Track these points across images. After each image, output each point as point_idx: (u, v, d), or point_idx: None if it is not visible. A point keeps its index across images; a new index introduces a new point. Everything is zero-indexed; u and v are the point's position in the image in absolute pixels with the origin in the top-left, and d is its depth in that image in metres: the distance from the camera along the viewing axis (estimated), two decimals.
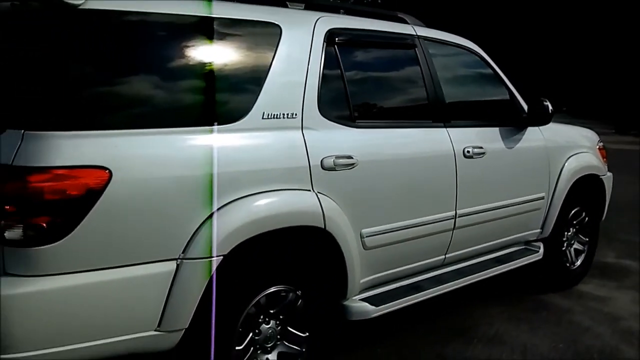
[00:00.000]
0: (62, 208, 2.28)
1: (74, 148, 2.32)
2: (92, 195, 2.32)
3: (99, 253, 2.37)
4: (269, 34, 2.99)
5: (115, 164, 2.37)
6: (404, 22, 3.86)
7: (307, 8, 3.36)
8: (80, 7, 2.42)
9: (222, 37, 2.82)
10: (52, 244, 2.27)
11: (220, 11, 2.84)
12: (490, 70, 4.27)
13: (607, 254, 5.84)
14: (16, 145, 2.28)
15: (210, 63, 2.75)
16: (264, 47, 2.96)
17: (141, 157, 2.48)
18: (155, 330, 2.53)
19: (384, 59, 3.66)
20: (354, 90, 3.29)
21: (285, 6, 3.27)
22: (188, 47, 2.72)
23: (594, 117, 17.02)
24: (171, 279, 2.53)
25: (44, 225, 2.26)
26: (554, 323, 4.27)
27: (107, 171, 2.35)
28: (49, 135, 2.30)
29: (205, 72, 2.73)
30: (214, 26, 2.78)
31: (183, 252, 2.55)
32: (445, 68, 3.89)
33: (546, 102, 4.18)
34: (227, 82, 2.81)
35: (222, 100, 2.78)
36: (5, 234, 2.26)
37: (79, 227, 2.30)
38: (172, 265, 2.53)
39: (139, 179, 2.44)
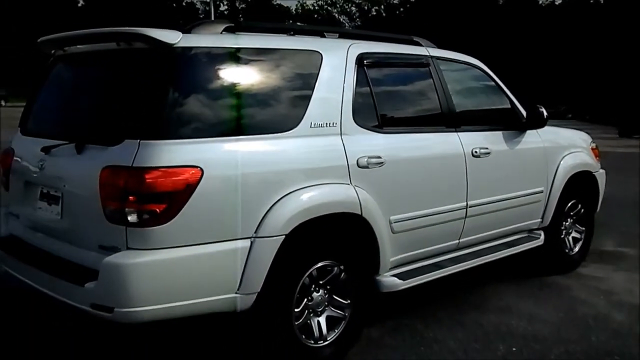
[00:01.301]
0: (169, 197, 3.02)
1: (176, 152, 3.07)
2: (190, 187, 3.06)
3: (195, 232, 3.11)
4: (313, 59, 3.74)
5: (206, 164, 3.11)
6: (419, 44, 4.61)
7: (340, 37, 4.12)
8: (175, 45, 3.18)
9: (280, 63, 3.59)
10: (162, 225, 3.01)
11: (279, 43, 3.62)
12: (492, 83, 5.00)
13: (606, 242, 6.50)
14: (134, 151, 3.03)
15: (271, 84, 3.53)
16: (310, 70, 3.70)
17: (224, 158, 3.22)
18: (236, 293, 3.25)
19: (404, 76, 4.40)
20: (380, 102, 4.02)
21: (324, 36, 4.02)
22: (254, 72, 3.48)
23: (599, 122, 17.64)
24: (247, 252, 3.26)
25: (157, 210, 3.00)
26: (555, 297, 4.96)
27: (200, 169, 3.09)
28: (159, 143, 3.05)
29: (268, 92, 3.50)
30: (274, 55, 3.55)
31: (255, 232, 3.27)
32: (454, 82, 4.61)
33: (541, 108, 4.90)
34: (284, 99, 3.57)
35: (280, 113, 3.53)
36: (128, 218, 3.00)
37: (181, 212, 3.04)
38: (247, 242, 3.26)
39: (223, 176, 3.18)
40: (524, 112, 5.06)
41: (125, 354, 3.94)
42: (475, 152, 4.49)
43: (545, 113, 4.91)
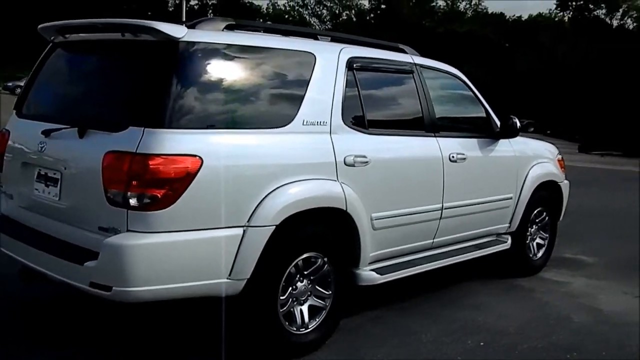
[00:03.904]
0: (170, 183, 3.17)
1: (178, 141, 3.22)
2: (190, 175, 3.21)
3: (193, 218, 3.26)
4: (307, 60, 3.92)
5: (205, 154, 3.27)
6: (404, 52, 4.84)
7: (332, 40, 4.31)
8: (181, 39, 3.33)
9: (277, 62, 3.78)
10: (162, 210, 3.16)
11: (276, 43, 3.80)
12: (470, 92, 5.26)
13: (567, 250, 6.84)
14: (138, 138, 3.16)
15: (268, 81, 3.72)
16: (304, 71, 3.89)
17: (223, 149, 3.39)
18: (227, 278, 3.42)
19: (389, 81, 4.63)
20: (367, 104, 4.22)
21: (317, 39, 4.21)
22: (253, 69, 3.65)
23: (559, 137, 18.28)
24: (240, 240, 3.42)
25: (159, 195, 3.15)
26: (521, 298, 5.25)
27: (200, 159, 3.25)
28: (162, 131, 3.19)
29: (265, 88, 3.68)
30: (272, 54, 3.73)
31: (248, 221, 3.44)
32: (435, 89, 4.86)
33: (515, 119, 5.18)
34: (279, 96, 3.75)
35: (276, 109, 3.71)
36: (130, 201, 3.14)
37: (180, 198, 3.19)
38: (240, 230, 3.42)
39: (221, 166, 3.35)
40: (498, 122, 5.34)
41: (117, 334, 4.07)
42: (452, 157, 4.74)
43: (518, 123, 5.19)
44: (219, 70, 3.50)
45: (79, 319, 4.27)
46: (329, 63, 4.04)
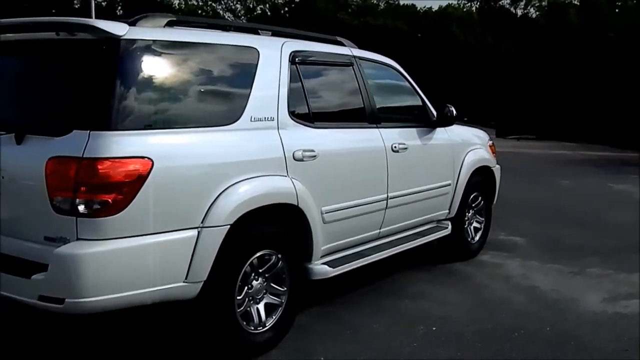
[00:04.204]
0: (121, 188, 3.04)
1: (126, 143, 3.09)
2: (141, 178, 3.09)
3: (146, 222, 3.14)
4: (251, 55, 3.86)
5: (155, 155, 3.15)
6: (342, 44, 4.84)
7: (273, 35, 4.26)
8: (122, 37, 3.19)
9: (222, 58, 3.70)
10: (114, 216, 3.03)
11: (220, 39, 3.71)
12: (406, 83, 5.34)
13: (500, 233, 7.06)
14: (84, 142, 3.01)
15: (214, 78, 3.64)
16: (248, 66, 3.82)
17: (172, 150, 3.28)
18: (184, 282, 3.32)
19: (331, 74, 4.62)
20: (311, 98, 4.21)
21: (258, 33, 4.14)
22: (198, 66, 3.55)
23: (477, 123, 18.87)
24: (194, 242, 3.33)
25: (109, 201, 3.01)
26: (461, 283, 5.37)
27: (150, 160, 3.13)
28: (109, 134, 3.06)
29: (211, 85, 3.60)
30: (216, 50, 3.65)
31: (202, 222, 3.35)
32: (374, 81, 4.89)
33: (451, 107, 5.30)
34: (226, 93, 3.67)
35: (223, 107, 3.64)
36: (79, 208, 2.99)
37: (132, 202, 3.07)
38: (195, 232, 3.33)
39: (171, 167, 3.24)
40: (433, 111, 5.44)
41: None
42: (395, 147, 4.79)
43: (454, 112, 5.31)
44: (163, 68, 3.38)
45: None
46: (273, 58, 3.99)
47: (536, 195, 10.02)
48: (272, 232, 3.82)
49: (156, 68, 3.34)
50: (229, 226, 3.44)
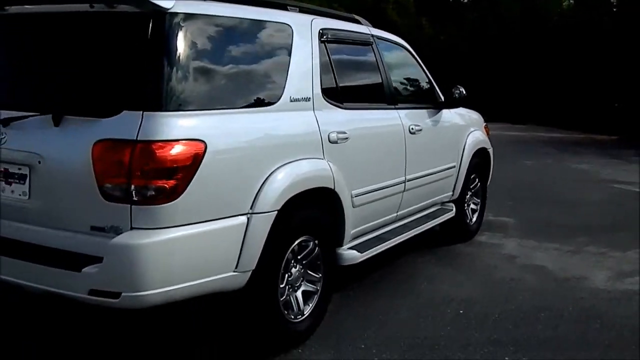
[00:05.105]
0: (178, 172, 2.83)
1: (181, 125, 2.88)
2: (197, 162, 2.89)
3: (201, 209, 2.95)
4: (286, 32, 3.67)
5: (208, 137, 2.96)
6: (359, 23, 4.70)
7: (300, 12, 4.07)
8: (171, 11, 2.96)
9: (263, 35, 3.52)
10: (171, 202, 2.82)
11: (259, 14, 3.53)
12: (416, 63, 5.25)
13: (487, 214, 7.10)
14: (137, 124, 2.79)
15: (259, 55, 3.47)
16: (285, 44, 3.64)
17: (224, 131, 3.09)
18: (234, 272, 3.15)
19: (354, 53, 4.48)
20: (339, 77, 4.06)
21: (287, 9, 3.95)
22: (243, 43, 3.37)
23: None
24: (244, 229, 3.16)
25: (167, 186, 2.80)
26: (469, 264, 5.38)
27: (204, 143, 2.93)
28: (163, 115, 2.84)
29: (257, 63, 3.42)
30: (258, 26, 3.47)
31: (251, 208, 3.18)
32: (390, 61, 4.78)
33: (461, 88, 5.25)
34: (269, 71, 3.49)
35: (267, 85, 3.46)
36: (134, 195, 2.77)
37: (188, 188, 2.87)
38: (244, 218, 3.15)
39: (224, 149, 3.05)
40: (440, 92, 5.39)
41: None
42: (412, 128, 4.71)
43: (464, 93, 5.27)
44: (209, 44, 3.16)
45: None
46: (305, 35, 3.82)
47: (508, 175, 10.15)
48: (311, 217, 3.68)
49: (204, 44, 3.12)
50: (276, 212, 3.28)
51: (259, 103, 3.36)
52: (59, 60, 3.20)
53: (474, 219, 6.18)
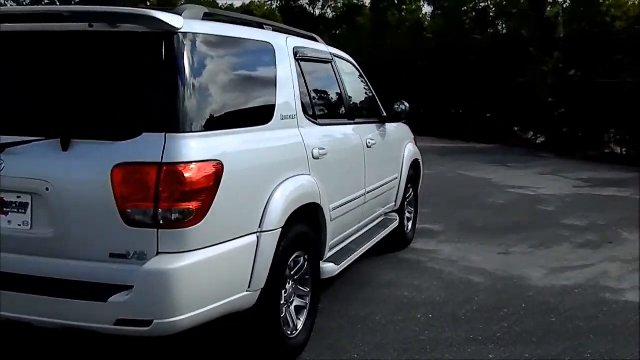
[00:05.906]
0: (202, 194, 2.80)
1: (202, 146, 2.85)
2: (217, 182, 2.88)
3: (221, 230, 2.93)
4: (269, 51, 3.71)
5: (225, 158, 2.95)
6: (317, 41, 4.81)
7: (273, 30, 4.11)
8: (180, 30, 2.91)
9: (254, 54, 3.57)
10: (197, 224, 2.78)
11: (249, 34, 3.58)
12: (364, 79, 5.45)
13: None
14: (160, 146, 2.72)
15: (255, 75, 3.55)
16: (271, 62, 3.68)
17: (237, 151, 3.09)
18: (247, 291, 3.14)
19: (319, 70, 4.58)
20: (312, 95, 4.16)
21: (263, 28, 3.98)
22: (242, 63, 3.43)
23: None
24: (255, 248, 3.16)
25: (193, 208, 2.76)
26: (418, 270, 5.61)
27: (221, 163, 2.92)
28: (185, 136, 2.79)
29: (255, 83, 3.48)
30: (250, 46, 3.53)
31: (259, 226, 3.19)
32: (345, 77, 4.94)
33: (405, 103, 5.51)
34: (264, 90, 3.52)
35: (263, 105, 3.49)
36: (161, 219, 2.70)
37: (211, 208, 2.84)
38: (255, 237, 3.16)
39: (238, 169, 3.05)
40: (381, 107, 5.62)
41: None
42: (368, 142, 4.89)
43: (407, 108, 5.53)
44: (215, 64, 3.16)
45: None
46: (284, 54, 3.88)
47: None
48: (303, 232, 3.72)
49: (214, 64, 3.12)
50: (281, 229, 3.31)
51: (259, 121, 3.39)
52: (65, 83, 3.01)
53: (410, 227, 6.45)
